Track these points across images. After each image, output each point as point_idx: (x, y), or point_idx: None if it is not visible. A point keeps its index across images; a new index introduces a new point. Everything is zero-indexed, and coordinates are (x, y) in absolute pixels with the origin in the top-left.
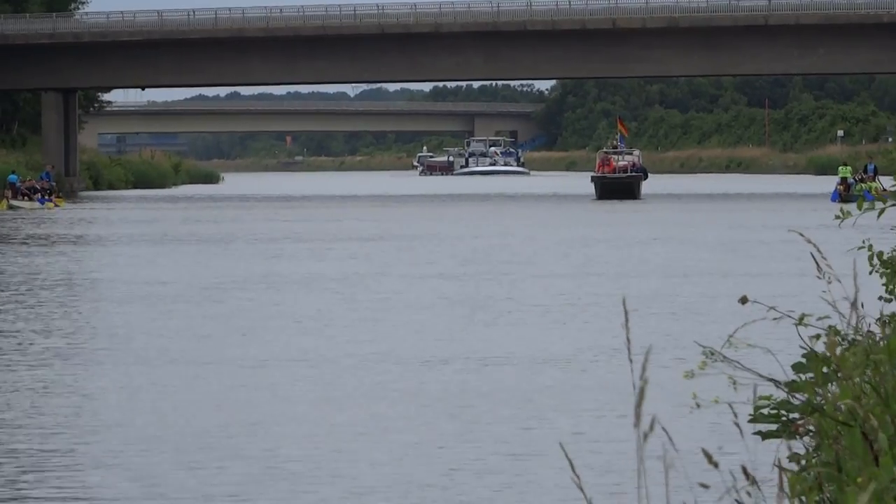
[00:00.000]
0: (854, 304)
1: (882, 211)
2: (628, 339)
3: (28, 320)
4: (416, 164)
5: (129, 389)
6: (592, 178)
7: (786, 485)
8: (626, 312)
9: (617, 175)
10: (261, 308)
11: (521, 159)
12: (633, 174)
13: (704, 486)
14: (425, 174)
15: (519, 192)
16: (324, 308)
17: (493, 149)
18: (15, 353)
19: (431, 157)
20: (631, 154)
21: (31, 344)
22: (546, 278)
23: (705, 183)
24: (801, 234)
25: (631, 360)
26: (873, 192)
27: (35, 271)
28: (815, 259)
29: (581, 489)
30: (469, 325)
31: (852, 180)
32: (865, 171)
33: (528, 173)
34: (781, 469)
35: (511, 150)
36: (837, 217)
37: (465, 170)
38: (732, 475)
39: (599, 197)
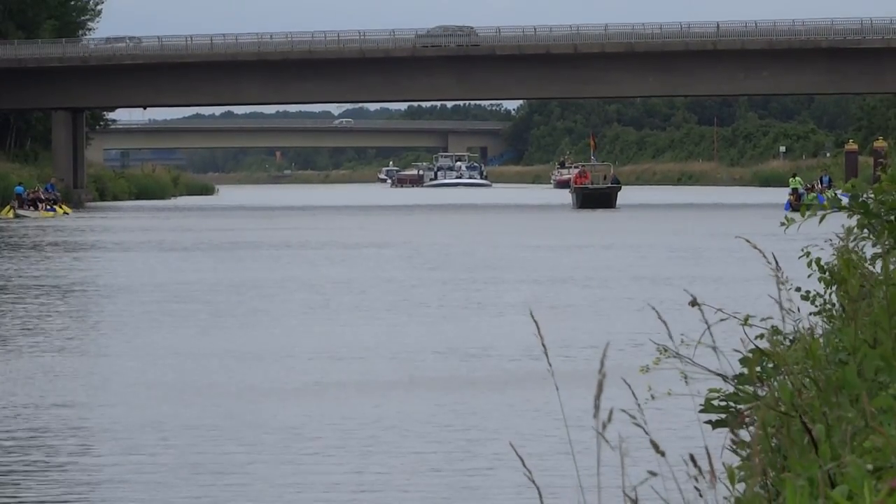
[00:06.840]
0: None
1: (823, 217)
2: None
3: (38, 317)
4: (382, 177)
5: (134, 378)
6: (573, 189)
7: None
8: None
9: (598, 186)
10: (247, 308)
11: (484, 173)
12: (612, 185)
13: (653, 473)
14: (396, 186)
15: (500, 203)
16: (309, 309)
17: (458, 163)
18: (23, 342)
19: (398, 171)
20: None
21: (39, 335)
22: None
23: (666, 194)
24: (748, 241)
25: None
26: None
27: (42, 273)
28: (775, 263)
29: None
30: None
31: (802, 190)
32: (821, 181)
33: (490, 185)
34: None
35: (475, 164)
36: (782, 224)
37: (434, 182)
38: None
39: (581, 206)
